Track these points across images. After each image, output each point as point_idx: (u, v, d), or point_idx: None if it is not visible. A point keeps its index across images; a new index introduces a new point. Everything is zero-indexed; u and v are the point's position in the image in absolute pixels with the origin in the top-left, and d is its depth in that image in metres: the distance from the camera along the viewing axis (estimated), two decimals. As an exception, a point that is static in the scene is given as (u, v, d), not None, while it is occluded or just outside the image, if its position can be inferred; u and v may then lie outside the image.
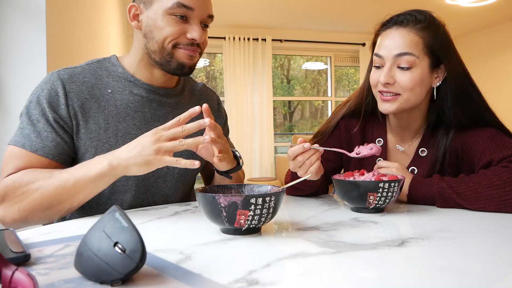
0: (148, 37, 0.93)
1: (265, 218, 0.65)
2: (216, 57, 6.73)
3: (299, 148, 0.84)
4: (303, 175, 0.86)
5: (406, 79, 0.95)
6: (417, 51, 0.95)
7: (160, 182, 1.00)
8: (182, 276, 0.48)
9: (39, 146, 0.86)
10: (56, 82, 0.90)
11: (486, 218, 0.80)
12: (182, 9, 0.90)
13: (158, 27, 0.91)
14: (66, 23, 1.82)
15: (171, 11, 0.90)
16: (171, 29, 0.91)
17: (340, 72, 7.48)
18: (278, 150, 6.16)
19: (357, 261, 0.55)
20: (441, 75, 1.00)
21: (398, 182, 0.83)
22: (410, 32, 0.96)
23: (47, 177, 0.80)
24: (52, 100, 0.89)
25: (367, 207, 0.84)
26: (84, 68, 0.96)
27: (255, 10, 4.72)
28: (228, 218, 0.63)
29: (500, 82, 5.22)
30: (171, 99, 1.03)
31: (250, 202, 0.62)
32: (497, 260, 0.56)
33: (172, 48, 0.92)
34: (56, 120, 0.88)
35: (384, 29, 1.00)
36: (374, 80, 1.00)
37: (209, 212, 0.65)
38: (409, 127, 1.07)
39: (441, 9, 4.74)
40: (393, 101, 0.98)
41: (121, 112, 0.95)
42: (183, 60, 0.94)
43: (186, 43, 0.93)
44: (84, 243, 0.48)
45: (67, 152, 0.90)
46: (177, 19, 0.91)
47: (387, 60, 0.97)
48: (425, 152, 1.05)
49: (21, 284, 0.38)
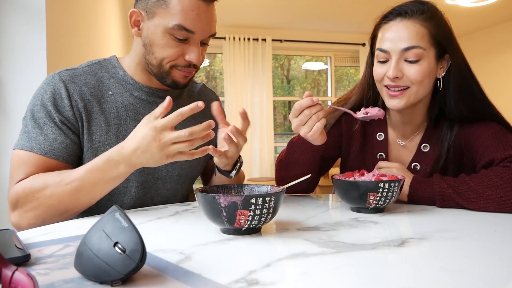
0: (147, 50, 0.92)
1: (265, 218, 0.65)
2: (216, 57, 6.73)
3: (307, 101, 0.82)
4: (306, 134, 0.85)
5: (414, 71, 0.93)
6: (424, 43, 0.93)
7: (160, 183, 1.00)
8: (182, 276, 0.48)
9: (48, 148, 0.86)
10: (58, 83, 0.90)
11: (486, 219, 0.80)
12: (182, 32, 0.88)
13: (157, 45, 0.90)
14: (66, 23, 1.82)
15: (171, 31, 0.87)
16: (170, 51, 0.90)
17: (340, 72, 7.47)
18: (278, 150, 6.16)
19: (357, 261, 0.55)
20: (445, 65, 0.99)
21: (398, 182, 0.83)
22: (415, 24, 0.93)
23: (57, 182, 0.80)
24: (57, 102, 0.88)
25: (367, 207, 0.84)
26: (84, 70, 0.96)
27: (255, 10, 4.72)
28: (228, 218, 0.63)
29: (500, 82, 5.22)
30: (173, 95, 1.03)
31: (250, 202, 0.62)
32: (497, 260, 0.56)
33: (169, 68, 0.92)
34: (63, 121, 0.88)
35: (386, 22, 0.97)
36: (380, 75, 0.97)
37: (209, 212, 0.65)
38: (411, 122, 1.07)
39: (441, 9, 4.75)
40: (401, 96, 0.96)
41: (122, 114, 0.95)
42: (178, 80, 0.95)
43: (184, 65, 0.92)
44: (84, 243, 0.48)
45: (77, 153, 0.91)
46: (176, 40, 0.89)
47: (393, 54, 0.94)
48: (428, 148, 1.05)
49: (21, 284, 0.38)
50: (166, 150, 0.74)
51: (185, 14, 0.86)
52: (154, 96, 0.99)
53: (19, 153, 0.86)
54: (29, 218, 0.81)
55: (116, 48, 3.54)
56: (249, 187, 0.77)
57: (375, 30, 1.00)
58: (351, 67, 7.16)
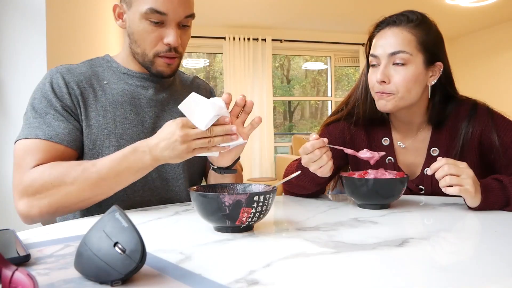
0: (131, 40, 0.95)
1: (263, 215, 0.68)
2: (216, 57, 6.73)
3: (319, 143, 0.87)
4: (316, 170, 0.89)
5: (400, 76, 0.97)
6: (410, 48, 0.97)
7: (172, 182, 1.01)
8: (182, 276, 0.48)
9: (52, 134, 0.87)
10: (55, 75, 0.93)
11: (486, 219, 0.80)
12: (155, 15, 0.89)
13: (137, 32, 0.93)
14: (66, 23, 1.82)
15: (145, 16, 0.90)
16: (149, 36, 0.92)
17: (340, 72, 7.47)
18: (278, 150, 6.16)
19: (357, 261, 0.55)
20: (436, 73, 1.02)
21: (405, 180, 0.88)
22: (403, 31, 0.98)
23: (80, 170, 0.82)
24: (57, 92, 0.91)
25: (374, 203, 0.89)
26: (80, 65, 1.00)
27: (255, 10, 4.72)
28: (231, 216, 0.64)
29: (500, 82, 5.22)
30: (165, 86, 1.05)
31: (253, 200, 0.64)
32: (497, 260, 0.56)
33: (153, 57, 0.94)
34: (64, 108, 0.91)
35: (378, 30, 1.03)
36: (372, 81, 1.02)
37: (209, 211, 0.65)
38: (410, 122, 1.08)
39: (441, 9, 4.76)
40: (388, 98, 0.99)
41: (118, 99, 0.97)
42: (162, 69, 0.96)
43: (164, 50, 0.93)
44: (84, 243, 0.48)
45: (80, 139, 0.92)
46: (153, 25, 0.91)
47: (382, 59, 0.99)
48: (437, 152, 1.05)
49: (21, 284, 0.38)
50: (188, 144, 0.78)
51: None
52: (149, 81, 1.02)
53: (24, 142, 0.86)
54: (41, 206, 0.81)
55: (115, 48, 3.54)
56: (241, 187, 0.78)
57: (370, 39, 1.06)
58: (351, 67, 7.17)
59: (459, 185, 0.81)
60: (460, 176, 0.82)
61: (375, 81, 1.00)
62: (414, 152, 1.09)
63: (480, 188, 0.84)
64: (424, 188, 1.06)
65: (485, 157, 1.02)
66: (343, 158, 1.13)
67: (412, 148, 1.09)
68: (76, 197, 0.82)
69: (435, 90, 1.03)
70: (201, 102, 0.78)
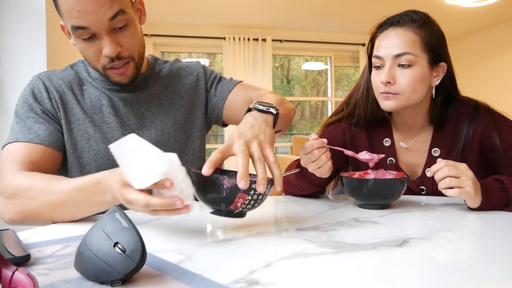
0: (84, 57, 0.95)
1: (258, 204, 0.67)
2: (216, 57, 6.73)
3: (318, 143, 0.86)
4: (314, 170, 0.88)
5: (406, 77, 0.96)
6: (415, 49, 0.96)
7: None
8: (182, 276, 0.48)
9: (33, 136, 0.88)
10: (36, 81, 0.96)
11: (486, 218, 0.80)
12: (80, 31, 0.84)
13: (80, 50, 0.91)
14: (66, 23, 1.82)
15: (75, 35, 0.86)
16: (89, 53, 0.88)
17: (340, 73, 7.47)
18: (278, 150, 6.16)
19: (357, 261, 0.55)
20: (439, 73, 1.01)
21: (405, 180, 0.88)
22: (407, 31, 0.97)
23: (43, 187, 0.76)
24: (37, 96, 0.94)
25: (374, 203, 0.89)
26: (62, 70, 1.02)
27: (255, 10, 4.72)
28: (227, 199, 0.63)
29: (500, 82, 5.22)
30: (141, 84, 1.02)
31: (251, 187, 0.63)
32: (497, 260, 0.56)
33: (103, 71, 0.91)
34: (44, 111, 0.92)
35: (381, 31, 1.02)
36: (376, 81, 1.01)
37: (206, 191, 0.65)
38: (413, 123, 1.08)
39: (441, 9, 4.76)
40: (394, 98, 0.98)
41: (96, 103, 0.98)
42: (117, 79, 0.93)
43: (108, 62, 0.88)
44: (84, 243, 0.48)
45: (62, 140, 0.93)
46: (86, 41, 0.86)
47: (387, 60, 0.98)
48: (438, 152, 1.05)
49: (21, 284, 0.38)
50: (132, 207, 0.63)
51: (70, 13, 0.82)
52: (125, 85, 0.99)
53: (7, 147, 0.88)
54: (10, 213, 0.80)
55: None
56: None
57: (372, 40, 1.05)
58: (351, 67, 7.17)
59: (459, 187, 0.81)
60: (460, 177, 0.82)
61: (379, 82, 0.99)
62: (415, 153, 1.09)
63: (480, 189, 0.84)
64: (425, 189, 1.06)
65: (486, 157, 1.01)
66: (343, 158, 1.13)
67: (413, 149, 1.09)
68: (36, 214, 0.77)
69: (437, 91, 1.03)
70: (142, 151, 0.58)
